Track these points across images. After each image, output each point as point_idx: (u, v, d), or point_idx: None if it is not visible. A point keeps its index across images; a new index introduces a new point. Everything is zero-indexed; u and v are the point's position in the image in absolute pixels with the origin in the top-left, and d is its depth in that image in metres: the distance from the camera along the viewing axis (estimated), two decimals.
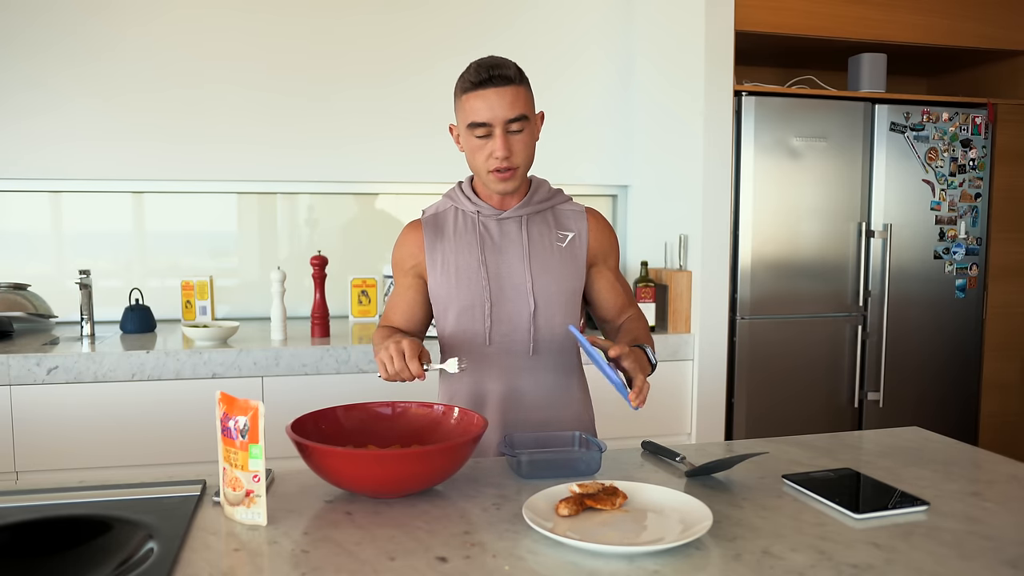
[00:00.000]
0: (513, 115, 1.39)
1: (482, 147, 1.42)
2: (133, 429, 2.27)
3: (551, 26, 3.12)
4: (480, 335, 1.49)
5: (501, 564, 0.94)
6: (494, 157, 1.41)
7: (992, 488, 1.22)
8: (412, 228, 1.55)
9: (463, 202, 1.53)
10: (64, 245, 2.87)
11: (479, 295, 1.48)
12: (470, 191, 1.53)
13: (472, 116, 1.40)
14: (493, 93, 1.38)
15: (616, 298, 1.61)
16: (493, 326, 1.49)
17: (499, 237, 1.51)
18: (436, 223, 1.54)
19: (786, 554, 0.97)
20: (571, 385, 1.57)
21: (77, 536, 1.04)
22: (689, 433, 2.71)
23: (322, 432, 1.27)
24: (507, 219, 1.51)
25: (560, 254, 1.52)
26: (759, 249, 2.74)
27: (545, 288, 1.49)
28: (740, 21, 2.67)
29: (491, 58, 1.42)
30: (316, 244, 3.05)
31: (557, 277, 1.50)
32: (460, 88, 1.42)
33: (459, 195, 1.54)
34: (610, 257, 1.61)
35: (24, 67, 2.74)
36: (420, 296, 1.55)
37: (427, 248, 1.51)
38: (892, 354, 2.91)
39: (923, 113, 2.87)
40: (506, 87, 1.38)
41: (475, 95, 1.39)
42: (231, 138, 2.89)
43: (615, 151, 3.22)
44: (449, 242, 1.51)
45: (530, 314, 1.48)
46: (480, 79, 1.38)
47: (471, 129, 1.41)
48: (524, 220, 1.52)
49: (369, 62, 2.99)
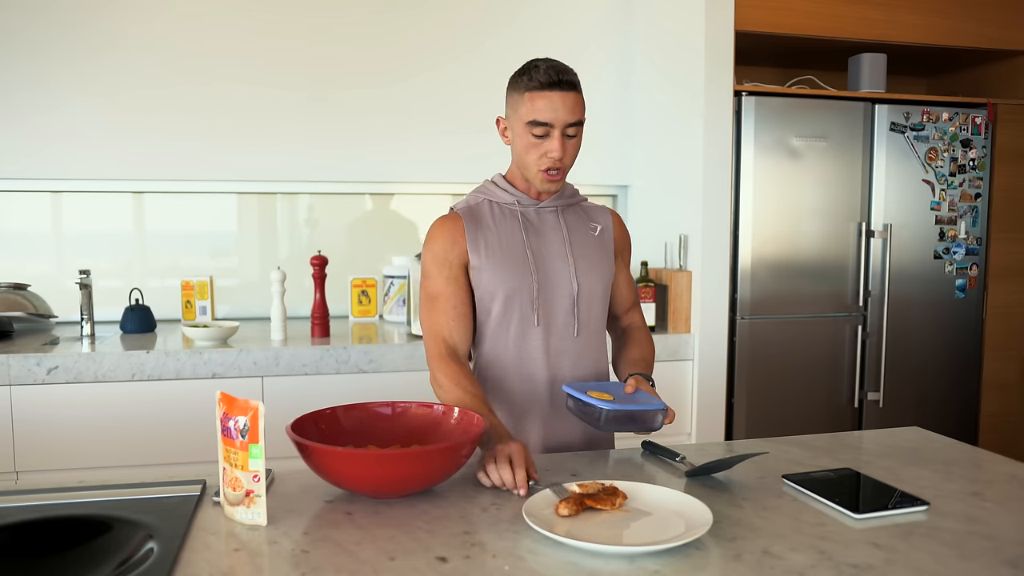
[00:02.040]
0: (573, 120, 1.45)
1: (538, 145, 1.47)
2: (133, 429, 2.27)
3: (551, 25, 3.12)
4: (528, 316, 1.52)
5: (501, 564, 0.94)
6: (548, 156, 1.46)
7: (992, 488, 1.22)
8: (449, 219, 1.54)
9: (499, 195, 1.57)
10: (64, 245, 2.87)
11: (526, 276, 1.51)
12: (506, 184, 1.57)
13: (535, 115, 1.44)
14: (559, 97, 1.43)
15: (628, 295, 1.70)
16: (541, 307, 1.52)
17: (539, 224, 1.56)
18: (472, 214, 1.55)
19: (786, 554, 0.97)
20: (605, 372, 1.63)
21: (77, 536, 1.04)
22: (689, 433, 2.71)
23: (322, 432, 1.27)
24: (545, 208, 1.57)
25: (595, 241, 1.60)
26: (759, 249, 2.74)
27: (586, 273, 1.56)
28: (740, 21, 2.67)
29: (557, 62, 1.47)
30: (316, 244, 3.05)
31: (595, 263, 1.57)
32: (525, 86, 1.46)
33: (494, 188, 1.58)
34: (626, 253, 1.69)
35: (24, 67, 2.74)
36: (467, 287, 1.54)
37: (469, 236, 1.51)
38: (892, 354, 2.91)
39: (923, 113, 2.87)
40: (571, 92, 1.45)
41: (542, 95, 1.44)
42: (231, 138, 2.89)
43: (615, 151, 3.22)
44: (490, 230, 1.53)
45: (574, 296, 1.53)
46: (550, 81, 1.43)
47: (530, 127, 1.45)
48: (560, 210, 1.59)
49: (369, 62, 2.99)
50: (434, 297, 1.52)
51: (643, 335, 1.66)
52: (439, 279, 1.52)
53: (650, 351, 1.63)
